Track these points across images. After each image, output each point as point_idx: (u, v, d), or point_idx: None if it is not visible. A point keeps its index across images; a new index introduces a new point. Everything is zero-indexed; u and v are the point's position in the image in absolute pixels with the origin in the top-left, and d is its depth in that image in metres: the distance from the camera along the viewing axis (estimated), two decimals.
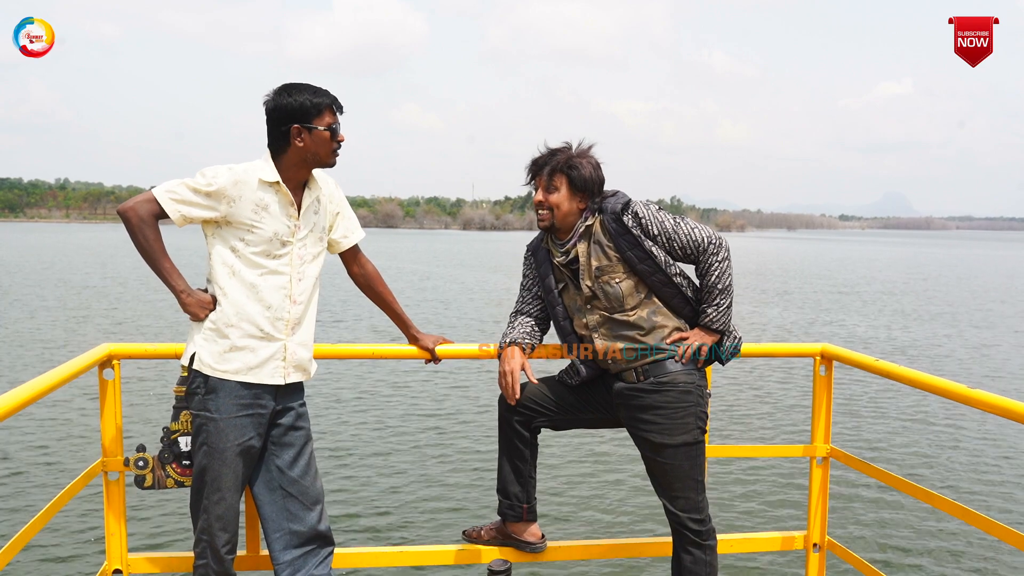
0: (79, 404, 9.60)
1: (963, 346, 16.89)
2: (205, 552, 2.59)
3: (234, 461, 2.55)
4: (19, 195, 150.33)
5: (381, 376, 11.82)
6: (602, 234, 2.76)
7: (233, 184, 2.51)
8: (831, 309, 23.67)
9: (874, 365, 2.98)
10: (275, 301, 2.57)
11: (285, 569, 2.64)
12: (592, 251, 2.77)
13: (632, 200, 2.77)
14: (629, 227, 2.72)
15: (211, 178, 2.50)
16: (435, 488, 7.33)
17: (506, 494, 2.96)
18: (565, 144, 2.85)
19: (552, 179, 2.78)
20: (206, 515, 2.57)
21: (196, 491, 2.60)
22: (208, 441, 2.54)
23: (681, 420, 2.73)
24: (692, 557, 2.76)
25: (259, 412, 2.57)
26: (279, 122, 2.55)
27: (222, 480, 2.55)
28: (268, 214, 2.54)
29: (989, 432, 9.57)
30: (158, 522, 6.28)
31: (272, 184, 2.55)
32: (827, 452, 3.21)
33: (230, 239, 2.55)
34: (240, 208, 2.51)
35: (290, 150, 2.56)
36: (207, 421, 2.54)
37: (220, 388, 2.52)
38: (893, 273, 43.80)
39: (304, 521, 2.66)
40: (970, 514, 2.57)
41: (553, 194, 2.78)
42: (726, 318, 2.78)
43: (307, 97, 2.54)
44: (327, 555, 2.72)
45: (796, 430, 9.48)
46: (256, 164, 2.58)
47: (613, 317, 2.76)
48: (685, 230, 2.74)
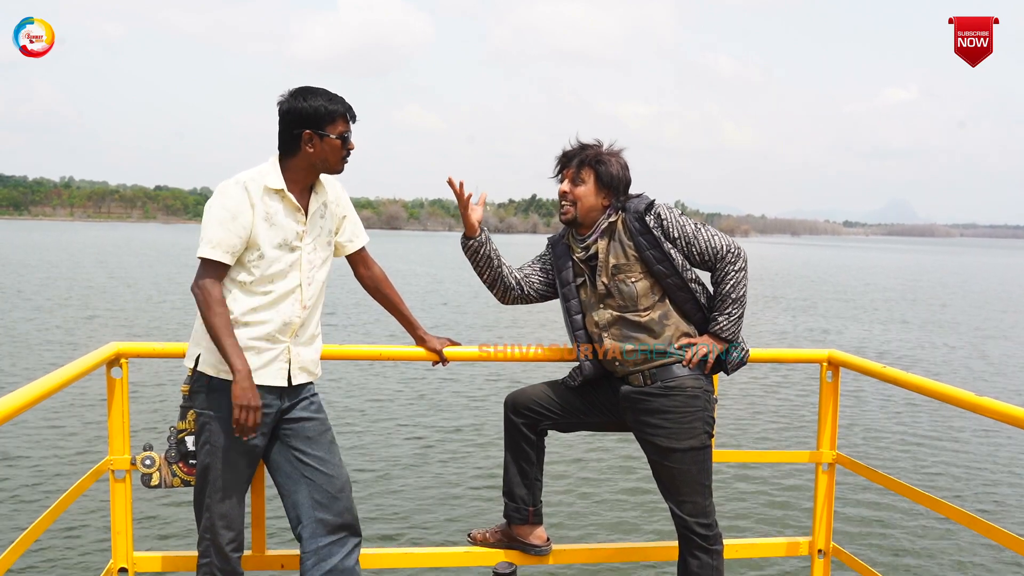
0: (87, 403, 9.62)
1: (970, 354, 16.84)
2: (209, 550, 2.59)
3: (236, 460, 2.56)
4: (24, 193, 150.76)
5: (387, 377, 11.82)
6: (623, 232, 2.77)
7: (245, 192, 2.51)
8: (835, 315, 23.63)
9: (881, 372, 2.97)
10: (286, 307, 2.57)
11: (311, 557, 2.62)
12: (611, 248, 2.77)
13: (656, 202, 2.78)
14: (651, 227, 2.73)
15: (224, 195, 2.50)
16: (440, 490, 7.33)
17: (512, 497, 2.97)
18: (596, 141, 2.86)
19: (580, 171, 2.79)
20: (208, 513, 2.57)
21: (199, 490, 2.61)
22: (211, 440, 2.55)
23: (689, 424, 2.73)
24: (699, 562, 2.76)
25: (266, 410, 2.57)
26: (291, 125, 2.55)
27: (225, 479, 2.56)
28: (276, 221, 2.54)
29: (996, 440, 9.54)
30: (164, 521, 6.29)
31: (278, 191, 2.55)
32: (833, 458, 3.21)
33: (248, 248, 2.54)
34: (257, 216, 2.51)
35: (300, 154, 2.56)
36: (210, 420, 2.55)
37: (223, 387, 2.52)
38: (898, 280, 43.73)
39: (330, 509, 2.65)
40: (976, 521, 2.56)
41: (579, 187, 2.79)
42: (736, 328, 2.78)
43: (322, 103, 2.53)
44: (355, 545, 2.70)
45: (802, 436, 9.47)
46: (263, 169, 2.58)
47: (625, 317, 2.76)
48: (705, 236, 2.75)
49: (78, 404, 9.54)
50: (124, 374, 2.78)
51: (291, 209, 2.57)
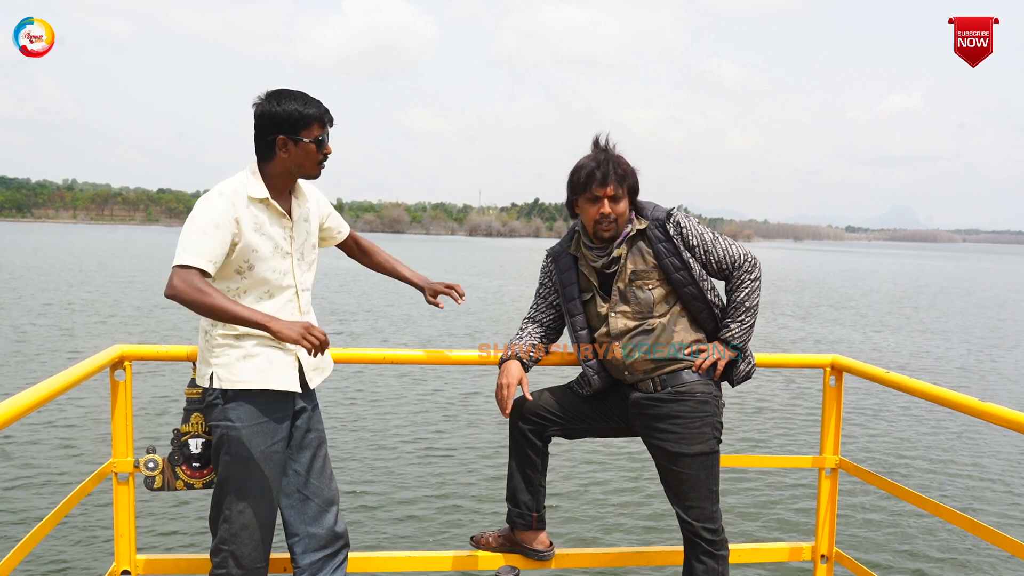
0: (90, 405, 9.62)
1: (974, 359, 16.81)
2: (227, 561, 2.54)
3: (259, 468, 2.52)
4: (27, 195, 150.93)
5: (388, 380, 11.82)
6: (643, 240, 2.76)
7: (231, 204, 2.46)
8: (839, 320, 23.60)
9: (885, 377, 2.97)
10: (285, 313, 2.56)
11: (305, 572, 2.66)
12: (632, 255, 2.76)
13: (674, 209, 2.78)
14: (671, 235, 2.73)
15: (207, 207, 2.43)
16: (443, 494, 7.32)
17: (516, 502, 2.96)
18: (602, 145, 2.77)
19: (619, 188, 2.70)
20: (228, 525, 2.53)
21: (216, 502, 2.57)
22: (231, 451, 2.51)
23: (698, 430, 2.72)
24: (704, 567, 2.76)
25: (281, 415, 2.56)
26: (265, 130, 2.50)
27: (248, 489, 2.52)
28: (265, 230, 2.51)
29: (1000, 446, 9.52)
30: (167, 524, 6.28)
31: (262, 200, 2.51)
32: (836, 463, 3.21)
33: (236, 259, 2.49)
34: (244, 227, 2.47)
35: (276, 160, 2.52)
36: (229, 430, 2.50)
37: (239, 396, 2.50)
38: (900, 285, 43.67)
39: (322, 523, 2.67)
40: (979, 527, 2.56)
41: (619, 203, 2.71)
42: (747, 336, 2.78)
43: (296, 107, 2.47)
44: (344, 558, 2.75)
45: (805, 441, 9.45)
46: (242, 178, 2.52)
47: (638, 325, 2.75)
48: (723, 245, 2.76)
49: (82, 406, 9.55)
50: (128, 376, 2.78)
51: (277, 216, 2.54)
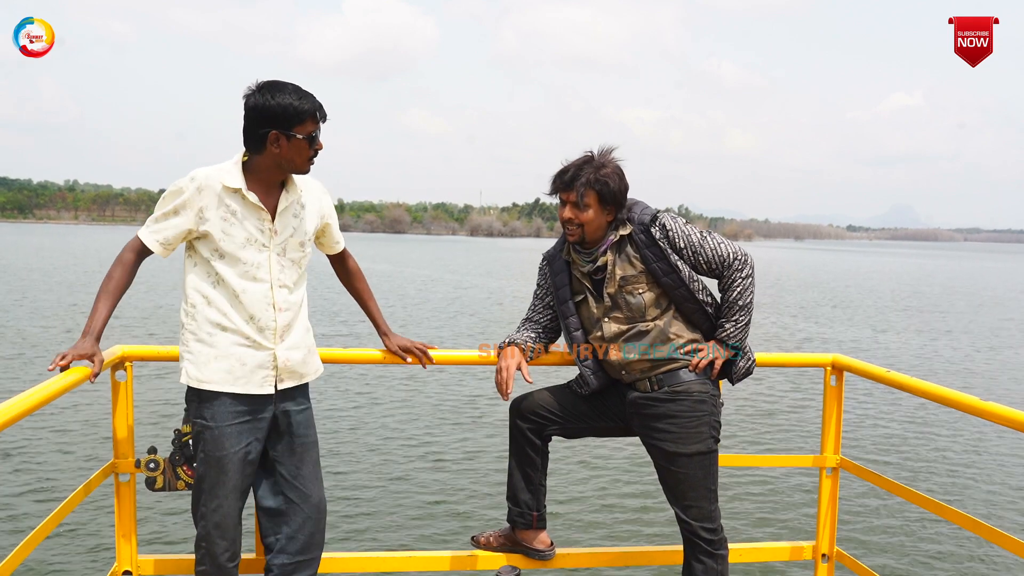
0: (91, 406, 9.63)
1: (975, 358, 16.80)
2: (204, 559, 2.56)
3: (231, 469, 2.51)
4: (28, 196, 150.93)
5: (389, 381, 11.82)
6: (630, 245, 2.75)
7: (198, 192, 2.45)
8: (839, 319, 23.58)
9: (886, 376, 2.97)
10: (258, 310, 2.51)
11: (273, 571, 2.63)
12: (619, 261, 2.75)
13: (660, 212, 2.75)
14: (656, 239, 2.71)
15: (174, 192, 2.47)
16: (443, 493, 7.33)
17: (516, 502, 2.96)
18: (587, 153, 2.77)
19: (584, 196, 2.69)
20: (204, 522, 2.54)
21: (195, 499, 2.58)
22: (205, 449, 2.52)
23: (695, 429, 2.72)
24: (704, 566, 2.76)
25: (256, 419, 2.54)
26: (257, 123, 2.46)
27: (219, 488, 2.52)
28: (237, 220, 2.48)
29: (1001, 444, 9.52)
30: (169, 524, 6.29)
31: (236, 191, 2.48)
32: (837, 462, 3.21)
33: (206, 249, 2.49)
34: (211, 216, 2.46)
35: (265, 153, 2.48)
36: (204, 429, 2.52)
37: (210, 397, 2.50)
38: (902, 284, 43.64)
39: (303, 528, 2.63)
40: (980, 526, 2.56)
41: (585, 212, 2.70)
42: (743, 335, 2.77)
43: (291, 102, 2.44)
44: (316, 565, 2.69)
45: (805, 440, 9.45)
46: (224, 167, 2.51)
47: (631, 328, 2.75)
48: (711, 244, 2.73)
49: (83, 407, 9.56)
50: (129, 377, 2.79)
51: (253, 209, 2.49)
